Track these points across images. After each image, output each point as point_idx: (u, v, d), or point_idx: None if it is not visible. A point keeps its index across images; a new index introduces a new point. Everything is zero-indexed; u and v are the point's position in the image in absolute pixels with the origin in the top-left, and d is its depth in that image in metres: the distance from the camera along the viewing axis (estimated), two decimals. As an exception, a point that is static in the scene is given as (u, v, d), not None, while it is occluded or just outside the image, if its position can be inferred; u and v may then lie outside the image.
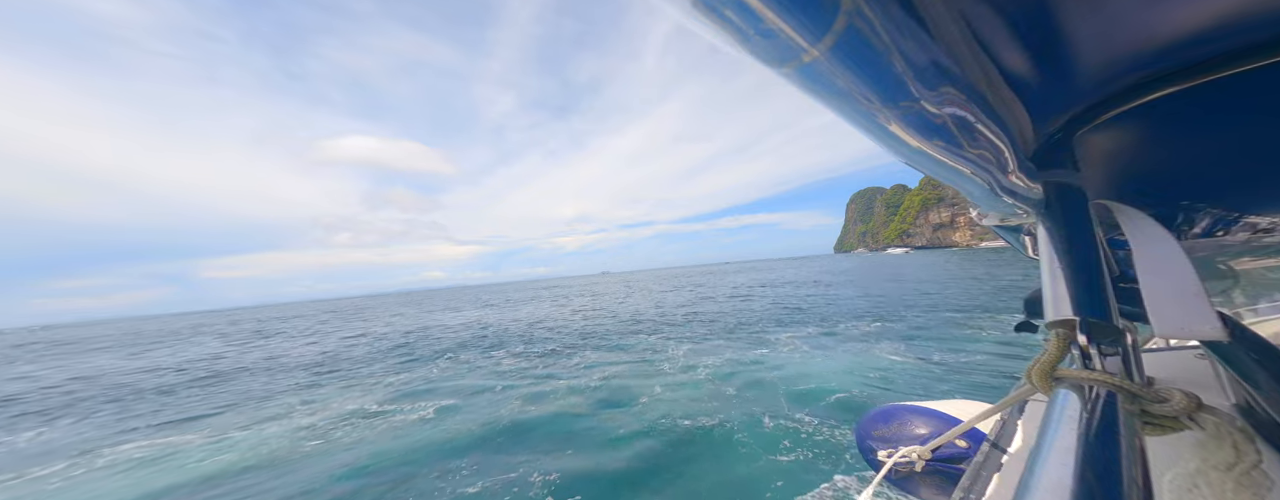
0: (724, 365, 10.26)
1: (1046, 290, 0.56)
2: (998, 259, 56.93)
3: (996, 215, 1.02)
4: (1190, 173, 0.69)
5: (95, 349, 35.11)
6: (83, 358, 28.45)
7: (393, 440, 7.30)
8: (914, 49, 0.39)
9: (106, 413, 11.77)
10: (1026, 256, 1.47)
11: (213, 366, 18.51)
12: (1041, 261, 0.61)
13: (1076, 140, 0.59)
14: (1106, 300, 0.52)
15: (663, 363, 11.14)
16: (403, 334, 24.22)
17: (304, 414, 9.60)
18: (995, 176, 0.65)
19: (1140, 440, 0.40)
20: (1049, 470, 0.33)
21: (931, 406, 1.68)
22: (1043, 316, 0.57)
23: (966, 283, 26.77)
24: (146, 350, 29.82)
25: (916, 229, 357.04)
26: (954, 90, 0.45)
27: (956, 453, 1.38)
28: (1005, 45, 0.43)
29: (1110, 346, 0.51)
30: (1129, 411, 0.43)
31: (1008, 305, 16.82)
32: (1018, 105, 0.52)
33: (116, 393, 14.56)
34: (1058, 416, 0.41)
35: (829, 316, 17.16)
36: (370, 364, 15.31)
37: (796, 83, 0.45)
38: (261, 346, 24.95)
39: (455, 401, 9.26)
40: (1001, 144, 0.56)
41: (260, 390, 12.63)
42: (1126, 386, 0.45)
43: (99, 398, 13.94)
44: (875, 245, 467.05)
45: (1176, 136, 0.60)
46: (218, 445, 8.09)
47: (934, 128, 0.50)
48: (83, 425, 10.65)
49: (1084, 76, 0.48)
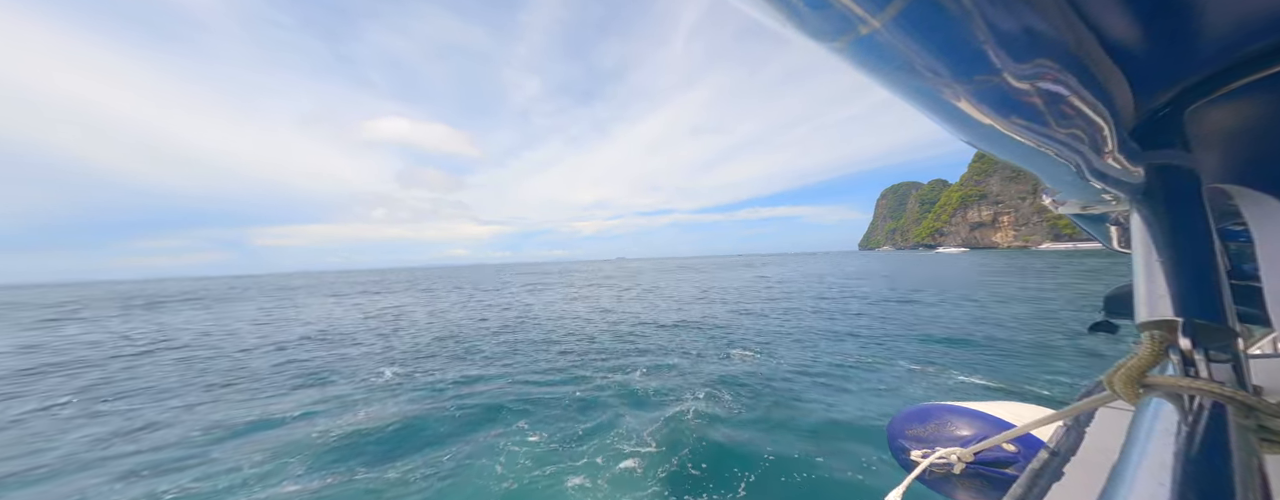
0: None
1: (1140, 286, 0.51)
2: (1076, 264, 47.67)
3: (1078, 202, 0.97)
4: None
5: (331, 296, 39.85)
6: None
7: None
8: (999, 13, 0.34)
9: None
10: (1110, 249, 1.44)
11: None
12: (1135, 254, 0.55)
13: (1188, 116, 0.53)
14: (1219, 299, 0.47)
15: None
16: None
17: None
18: (1086, 158, 0.57)
19: (1260, 461, 0.36)
20: (1140, 487, 0.31)
21: (975, 407, 1.58)
22: (1130, 316, 0.53)
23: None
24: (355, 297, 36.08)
25: (951, 227, 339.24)
26: (1046, 61, 0.40)
27: (1004, 457, 1.32)
28: (1107, 5, 0.38)
29: (1219, 352, 0.45)
30: (1243, 426, 0.39)
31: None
32: (1118, 75, 0.46)
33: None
34: (1149, 428, 0.38)
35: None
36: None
37: (849, 58, 0.40)
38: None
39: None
40: (1101, 121, 0.50)
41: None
42: (1241, 398, 0.40)
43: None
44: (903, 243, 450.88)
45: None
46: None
47: (1014, 104, 0.45)
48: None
49: (1206, 40, 0.42)
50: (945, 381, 7.80)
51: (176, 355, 13.53)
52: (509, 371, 9.59)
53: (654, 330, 14.38)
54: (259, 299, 40.51)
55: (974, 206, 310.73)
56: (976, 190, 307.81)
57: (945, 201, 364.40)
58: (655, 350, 11.35)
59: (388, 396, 8.13)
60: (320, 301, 33.83)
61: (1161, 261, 0.50)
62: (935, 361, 9.16)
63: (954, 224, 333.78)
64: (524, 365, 10.18)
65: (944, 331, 12.23)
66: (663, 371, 9.14)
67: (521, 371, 9.56)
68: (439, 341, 13.87)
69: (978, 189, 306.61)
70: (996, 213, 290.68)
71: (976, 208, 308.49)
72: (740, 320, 15.85)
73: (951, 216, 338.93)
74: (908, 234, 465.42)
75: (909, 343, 11.08)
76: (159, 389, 9.51)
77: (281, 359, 12.01)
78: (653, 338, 13.08)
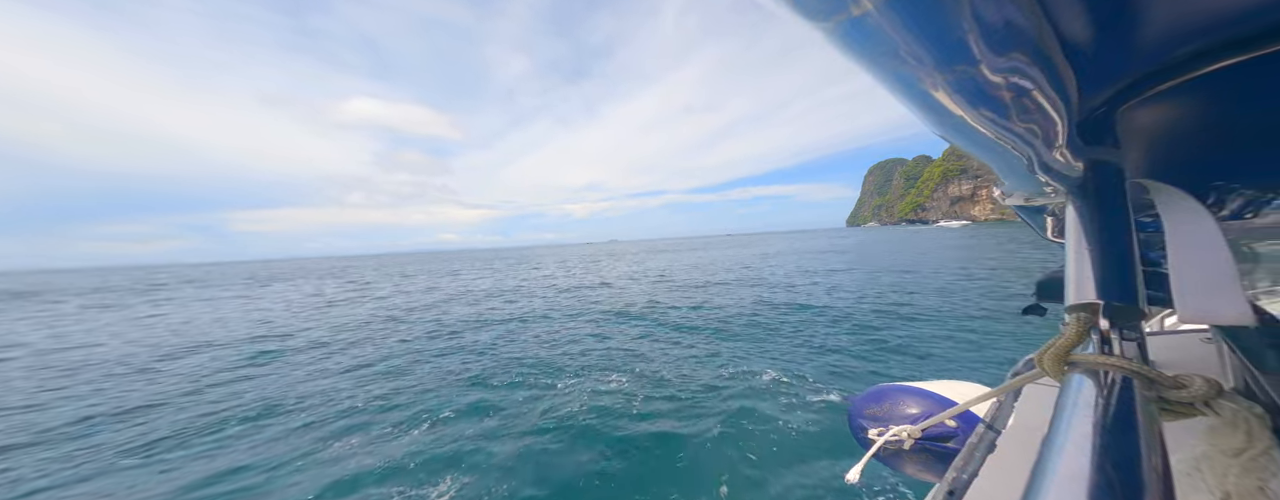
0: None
1: (1071, 273, 0.54)
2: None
3: (1022, 194, 1.02)
4: (1235, 151, 0.64)
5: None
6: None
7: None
8: (988, 5, 0.34)
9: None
10: (1045, 239, 1.49)
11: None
12: (1068, 243, 0.58)
13: (1119, 114, 0.55)
14: (1134, 284, 0.51)
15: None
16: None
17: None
18: (1038, 152, 0.61)
19: (1159, 427, 0.39)
20: (1067, 457, 0.32)
21: (925, 387, 1.68)
22: (1058, 300, 0.57)
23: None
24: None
25: (933, 202, 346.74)
26: (1022, 55, 0.40)
27: (945, 432, 1.40)
28: (1068, 4, 0.37)
29: (1130, 332, 0.51)
30: (1146, 398, 0.42)
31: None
32: (1070, 72, 0.47)
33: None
34: (1073, 403, 0.40)
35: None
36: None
37: (836, 39, 0.42)
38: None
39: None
40: (1057, 116, 0.52)
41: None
42: (1145, 373, 0.44)
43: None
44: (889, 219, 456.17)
45: (1226, 112, 0.55)
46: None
47: (985, 96, 0.47)
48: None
49: (1144, 43, 0.43)
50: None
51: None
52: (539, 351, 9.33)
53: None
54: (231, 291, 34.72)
55: (954, 181, 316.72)
56: (957, 165, 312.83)
57: (928, 176, 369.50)
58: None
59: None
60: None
61: (1091, 250, 0.54)
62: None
63: (935, 198, 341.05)
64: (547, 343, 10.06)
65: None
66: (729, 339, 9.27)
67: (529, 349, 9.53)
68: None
69: (958, 163, 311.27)
70: (976, 187, 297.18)
71: (957, 182, 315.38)
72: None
73: (933, 191, 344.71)
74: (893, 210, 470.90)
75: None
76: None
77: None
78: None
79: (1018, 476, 0.99)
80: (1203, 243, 0.51)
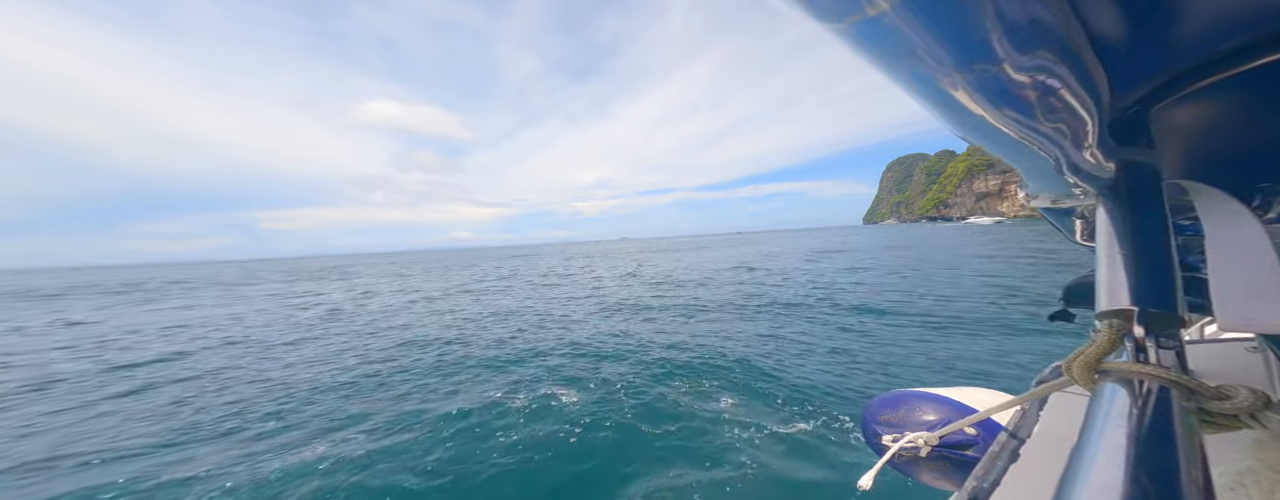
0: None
1: (1102, 277, 0.52)
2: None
3: (1048, 196, 0.99)
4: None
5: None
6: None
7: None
8: (1013, 3, 0.33)
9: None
10: (1073, 242, 1.42)
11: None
12: (1099, 247, 0.56)
13: (1153, 114, 0.53)
14: (1172, 289, 0.48)
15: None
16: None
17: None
18: (1066, 152, 0.59)
19: (1200, 440, 0.37)
20: (1099, 468, 0.31)
21: (943, 393, 1.63)
22: (1087, 306, 0.57)
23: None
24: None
25: (956, 198, 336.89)
26: (1048, 53, 0.39)
27: (964, 440, 1.37)
28: (1099, 0, 0.36)
29: (1167, 339, 0.47)
30: (1185, 408, 0.40)
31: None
32: (1100, 71, 0.45)
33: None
34: (1105, 412, 0.39)
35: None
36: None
37: (851, 40, 0.41)
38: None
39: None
40: (1086, 115, 0.50)
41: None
42: (1185, 382, 0.42)
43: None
44: (909, 216, 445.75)
45: (1275, 109, 0.53)
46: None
47: (1009, 96, 0.46)
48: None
49: (1182, 39, 0.41)
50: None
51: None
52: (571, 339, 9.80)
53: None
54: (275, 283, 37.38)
55: (980, 176, 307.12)
56: (983, 159, 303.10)
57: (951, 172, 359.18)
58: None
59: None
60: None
61: (1124, 253, 0.52)
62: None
63: (959, 194, 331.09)
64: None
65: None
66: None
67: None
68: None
69: (984, 158, 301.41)
70: (1003, 182, 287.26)
71: (984, 177, 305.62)
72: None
73: (957, 187, 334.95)
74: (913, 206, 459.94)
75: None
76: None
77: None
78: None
79: (1043, 487, 0.95)
80: (1247, 247, 0.48)
